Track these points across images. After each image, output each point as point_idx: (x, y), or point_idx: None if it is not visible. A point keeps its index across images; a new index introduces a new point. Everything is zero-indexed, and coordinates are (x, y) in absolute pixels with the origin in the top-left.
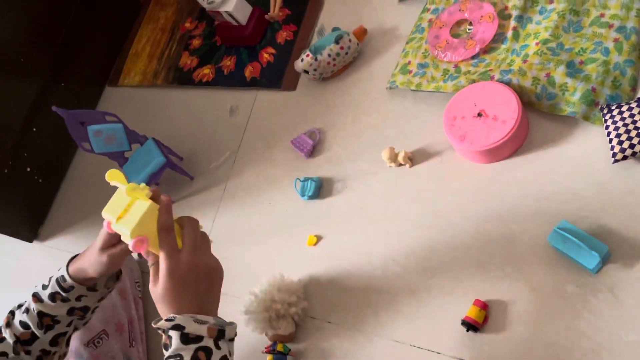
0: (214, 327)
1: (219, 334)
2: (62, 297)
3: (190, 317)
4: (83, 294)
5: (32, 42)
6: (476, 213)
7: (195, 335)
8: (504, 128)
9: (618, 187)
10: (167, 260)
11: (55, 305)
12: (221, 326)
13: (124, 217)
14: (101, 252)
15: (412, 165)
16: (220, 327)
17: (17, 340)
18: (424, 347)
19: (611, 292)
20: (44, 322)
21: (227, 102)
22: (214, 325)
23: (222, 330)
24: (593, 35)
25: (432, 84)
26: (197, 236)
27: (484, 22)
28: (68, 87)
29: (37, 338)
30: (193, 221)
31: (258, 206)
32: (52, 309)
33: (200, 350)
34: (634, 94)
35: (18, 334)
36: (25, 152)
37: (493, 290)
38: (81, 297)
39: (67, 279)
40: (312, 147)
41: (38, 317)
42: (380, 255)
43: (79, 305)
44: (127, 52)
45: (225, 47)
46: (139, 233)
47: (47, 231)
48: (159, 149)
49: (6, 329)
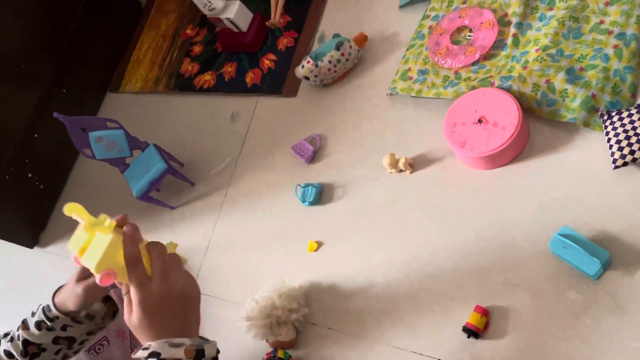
0: (191, 349)
1: (198, 353)
2: (47, 327)
3: (165, 342)
4: (68, 324)
5: (34, 49)
6: (477, 219)
7: (173, 359)
8: (505, 134)
9: (619, 193)
10: (138, 291)
11: (40, 334)
12: (199, 346)
13: (88, 251)
14: (76, 284)
15: (413, 171)
16: (198, 346)
17: None
18: (425, 354)
19: (612, 299)
20: (29, 351)
21: (228, 109)
22: (190, 347)
23: (201, 350)
24: (593, 42)
25: (433, 90)
26: (165, 262)
27: (484, 28)
28: (70, 94)
29: None
30: (159, 247)
31: (259, 212)
32: (38, 337)
33: None
34: (633, 100)
35: None
36: (27, 158)
37: (494, 297)
38: (66, 327)
39: (52, 309)
40: (312, 153)
41: (22, 346)
42: (381, 261)
43: (64, 334)
44: (129, 59)
45: (226, 54)
46: (105, 267)
47: (48, 237)
48: (160, 155)
49: None
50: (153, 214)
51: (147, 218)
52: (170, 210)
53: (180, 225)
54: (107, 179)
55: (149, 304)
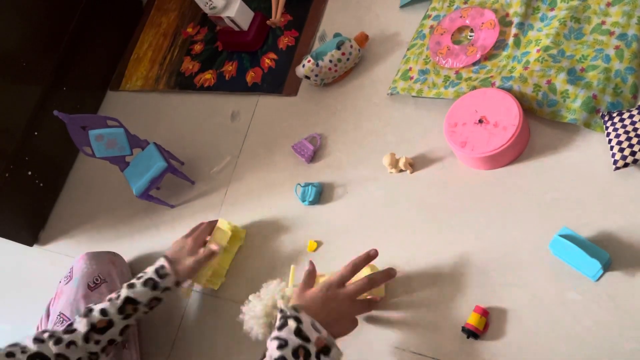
0: (323, 340)
1: (325, 348)
2: (154, 283)
3: (312, 321)
4: (170, 287)
5: (34, 47)
6: (477, 219)
7: (306, 335)
8: (505, 135)
9: (619, 194)
10: (330, 282)
11: (144, 290)
12: (330, 344)
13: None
14: (188, 258)
15: (413, 171)
16: (328, 343)
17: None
18: (424, 354)
19: (612, 300)
20: (98, 325)
21: (229, 107)
22: (324, 339)
23: (328, 347)
24: (594, 43)
25: (433, 90)
26: (364, 289)
27: (485, 28)
28: (70, 92)
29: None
30: (384, 276)
31: (259, 211)
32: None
33: (302, 348)
34: (635, 101)
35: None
36: (27, 156)
37: (494, 297)
38: (165, 290)
39: (165, 267)
40: (313, 153)
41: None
42: (381, 261)
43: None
44: (129, 57)
45: (227, 53)
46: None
47: (48, 235)
48: (160, 153)
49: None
50: (153, 212)
51: (147, 216)
52: (170, 208)
53: (180, 223)
54: (107, 178)
55: (330, 295)
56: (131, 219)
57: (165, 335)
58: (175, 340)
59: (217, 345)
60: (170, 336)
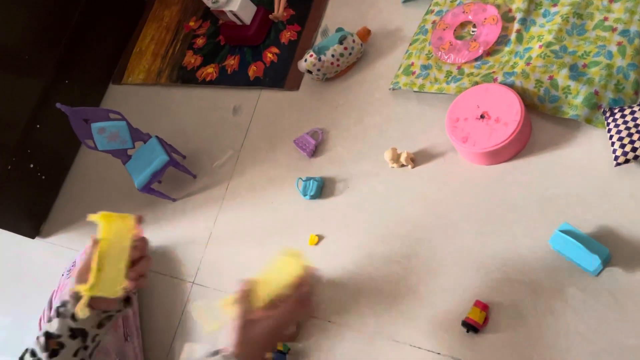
0: None
1: None
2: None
3: None
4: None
5: (37, 40)
6: (478, 214)
7: None
8: (507, 130)
9: (620, 190)
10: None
11: (57, 321)
12: None
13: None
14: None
15: (415, 166)
16: None
17: None
18: (424, 348)
19: (612, 295)
20: (49, 345)
21: (231, 102)
22: None
23: None
24: (596, 39)
25: (435, 85)
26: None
27: (487, 24)
28: (72, 85)
29: None
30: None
31: (260, 205)
32: (56, 327)
33: None
34: (636, 97)
35: None
36: (29, 149)
37: (494, 292)
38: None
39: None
40: (314, 147)
41: (44, 338)
42: (382, 255)
43: (74, 325)
44: (132, 51)
45: (229, 47)
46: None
47: (50, 228)
48: (162, 147)
49: None
50: (155, 206)
51: (148, 210)
52: (172, 202)
53: (182, 217)
54: (109, 171)
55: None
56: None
57: (167, 327)
58: (176, 333)
59: (218, 337)
60: (172, 328)
